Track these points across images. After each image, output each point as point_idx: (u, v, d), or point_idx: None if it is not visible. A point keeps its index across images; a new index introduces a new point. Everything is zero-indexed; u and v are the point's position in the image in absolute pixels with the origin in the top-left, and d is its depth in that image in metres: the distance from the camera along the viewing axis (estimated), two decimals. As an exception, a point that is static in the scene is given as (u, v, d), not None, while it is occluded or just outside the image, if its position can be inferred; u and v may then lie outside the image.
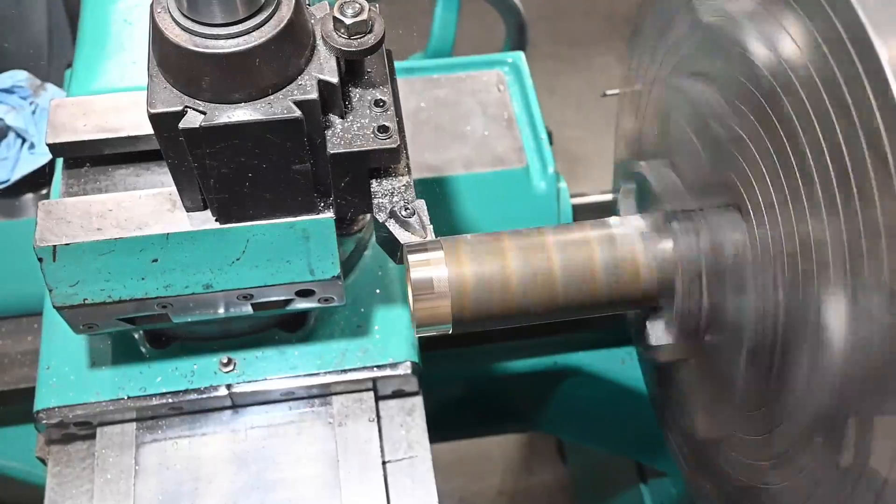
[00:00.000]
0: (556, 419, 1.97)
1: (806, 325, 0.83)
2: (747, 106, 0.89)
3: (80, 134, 1.09)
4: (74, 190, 1.10)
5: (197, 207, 1.01)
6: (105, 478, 1.17)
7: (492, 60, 1.61)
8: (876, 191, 0.71)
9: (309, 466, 1.20)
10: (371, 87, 0.99)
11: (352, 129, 0.96)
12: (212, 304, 1.10)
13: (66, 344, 1.21)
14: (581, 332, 1.68)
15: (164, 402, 1.19)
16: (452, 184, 1.46)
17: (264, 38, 0.87)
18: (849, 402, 0.78)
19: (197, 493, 1.18)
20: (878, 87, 0.70)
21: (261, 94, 0.90)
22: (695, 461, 1.20)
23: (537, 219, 1.46)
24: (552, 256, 1.00)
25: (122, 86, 1.19)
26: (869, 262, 0.73)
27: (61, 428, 1.19)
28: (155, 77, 0.90)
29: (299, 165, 0.95)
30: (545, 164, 1.49)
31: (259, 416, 1.24)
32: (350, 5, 0.92)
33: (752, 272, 0.91)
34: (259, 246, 1.03)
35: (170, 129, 0.90)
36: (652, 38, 1.17)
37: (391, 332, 1.24)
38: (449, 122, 1.52)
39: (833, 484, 0.82)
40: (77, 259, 1.00)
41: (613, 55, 3.82)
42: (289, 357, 1.23)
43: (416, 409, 1.25)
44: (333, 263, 1.06)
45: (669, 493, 2.11)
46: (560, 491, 3.08)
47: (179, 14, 0.87)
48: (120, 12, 1.26)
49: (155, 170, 1.11)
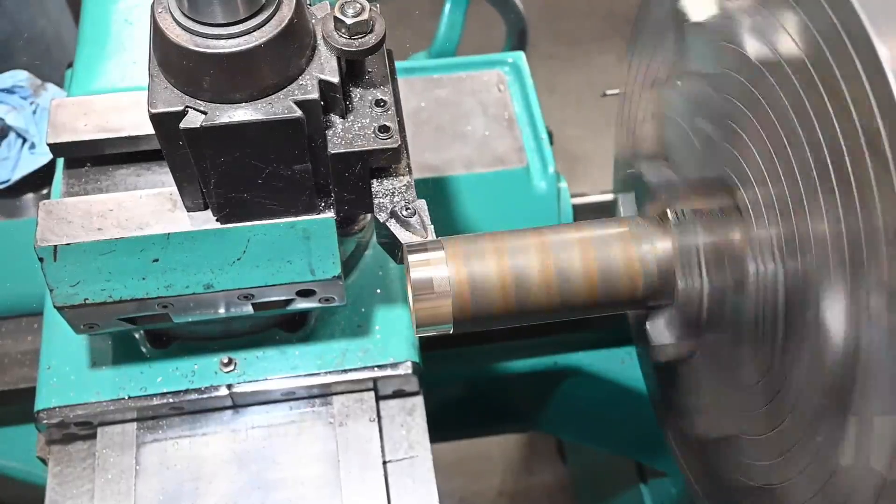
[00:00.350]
0: (556, 419, 1.97)
1: (806, 325, 0.83)
2: (747, 106, 0.89)
3: (80, 134, 1.09)
4: (75, 190, 1.10)
5: (198, 207, 1.01)
6: (106, 477, 1.17)
7: (492, 60, 1.61)
8: (876, 191, 0.71)
9: (309, 466, 1.20)
10: (372, 87, 0.99)
11: (353, 129, 0.97)
12: (212, 304, 1.10)
13: (66, 344, 1.21)
14: (581, 332, 1.68)
15: (165, 402, 1.19)
16: (453, 184, 1.46)
17: (265, 38, 0.87)
18: (849, 402, 0.78)
19: (198, 492, 1.18)
20: (878, 86, 0.70)
21: (262, 93, 0.90)
22: (694, 461, 1.20)
23: (538, 219, 1.46)
24: (552, 256, 1.00)
25: (123, 86, 1.19)
26: (869, 262, 0.73)
27: (62, 428, 1.19)
28: (156, 77, 0.90)
29: (300, 165, 0.95)
30: (546, 163, 1.49)
31: (260, 415, 1.24)
32: (351, 5, 0.92)
33: (751, 272, 0.91)
34: (260, 246, 1.03)
35: (171, 128, 0.90)
36: (652, 37, 1.17)
37: (392, 332, 1.24)
38: (449, 121, 1.52)
39: (833, 484, 0.82)
40: (78, 259, 1.00)
41: (613, 55, 3.82)
42: (289, 357, 1.23)
43: (417, 408, 1.25)
44: (334, 263, 1.06)
45: (669, 493, 2.11)
46: (560, 491, 3.08)
47: (180, 14, 0.87)
48: (120, 12, 1.26)
49: (155, 170, 1.11)
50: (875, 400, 0.75)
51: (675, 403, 1.22)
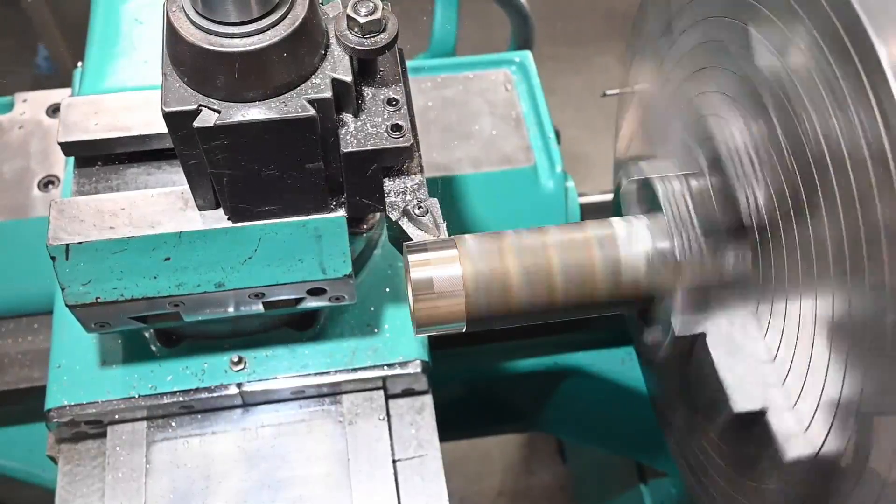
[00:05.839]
0: (556, 419, 1.97)
1: (806, 326, 0.83)
2: (746, 105, 0.89)
3: (91, 133, 1.09)
4: (86, 189, 1.10)
5: (209, 206, 1.02)
6: (116, 476, 1.17)
7: (499, 60, 1.61)
8: (876, 191, 0.71)
9: (319, 465, 1.20)
10: (384, 86, 1.00)
11: (365, 128, 0.97)
12: (223, 303, 1.10)
13: (76, 342, 1.21)
14: (581, 332, 1.68)
15: (175, 401, 1.19)
16: (460, 183, 1.46)
17: (279, 36, 0.87)
18: (849, 402, 0.78)
19: (208, 491, 1.18)
20: (878, 87, 0.70)
21: (275, 92, 0.90)
22: (694, 460, 1.20)
23: (545, 218, 1.46)
24: (554, 256, 1.00)
25: (134, 84, 1.19)
26: (869, 262, 0.73)
27: (72, 426, 1.19)
28: (169, 76, 0.90)
29: (312, 164, 0.95)
30: (553, 163, 1.49)
31: (269, 414, 1.24)
32: (364, 4, 0.92)
33: (752, 272, 0.91)
34: (271, 244, 1.03)
35: (184, 127, 0.90)
36: (651, 37, 1.17)
37: (401, 331, 1.25)
38: (457, 121, 1.52)
39: (833, 484, 0.82)
40: (90, 257, 1.00)
41: (613, 55, 3.82)
42: (299, 356, 1.23)
43: (426, 407, 1.26)
44: (345, 262, 1.07)
45: (669, 493, 2.12)
46: (560, 491, 3.09)
47: (194, 13, 0.87)
48: (130, 11, 1.26)
49: (166, 168, 1.11)
50: (875, 400, 0.75)
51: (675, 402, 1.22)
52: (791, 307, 0.86)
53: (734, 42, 0.92)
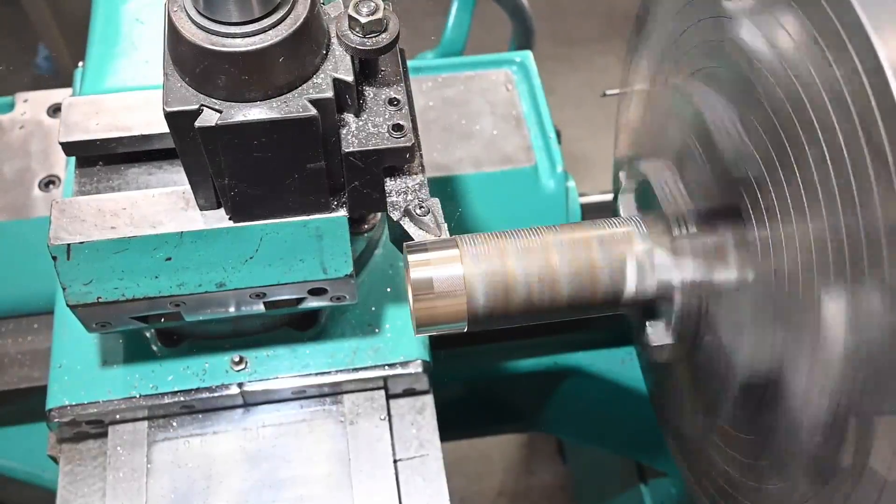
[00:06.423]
0: (556, 419, 1.97)
1: (806, 326, 0.83)
2: (746, 105, 0.89)
3: (92, 133, 1.09)
4: (87, 189, 1.10)
5: (211, 206, 1.02)
6: (117, 476, 1.17)
7: (500, 60, 1.61)
8: (876, 191, 0.71)
9: (320, 465, 1.20)
10: (385, 86, 1.00)
11: (366, 128, 0.97)
12: (225, 303, 1.10)
13: (77, 342, 1.21)
14: (581, 332, 1.68)
15: (176, 401, 1.19)
16: (461, 183, 1.46)
17: (280, 36, 0.87)
18: (849, 402, 0.78)
19: (209, 491, 1.18)
20: (878, 86, 0.70)
21: (276, 92, 0.90)
22: (694, 461, 1.20)
23: (546, 217, 1.46)
24: (554, 256, 1.00)
25: (134, 84, 1.19)
26: (869, 262, 0.73)
27: (73, 426, 1.19)
28: (170, 75, 0.90)
29: (314, 164, 0.95)
30: (554, 162, 1.49)
31: (270, 414, 1.24)
32: (365, 4, 0.92)
33: (751, 272, 0.91)
34: (272, 244, 1.03)
35: (185, 127, 0.90)
36: (651, 37, 1.17)
37: (402, 331, 1.25)
38: (457, 121, 1.52)
39: (833, 484, 0.82)
40: (91, 257, 1.00)
41: (613, 55, 3.83)
42: (300, 356, 1.24)
43: (427, 407, 1.26)
44: (346, 262, 1.07)
45: (669, 493, 2.12)
46: (560, 491, 3.09)
47: (196, 12, 0.87)
48: (131, 11, 1.26)
49: (167, 168, 1.11)
50: (875, 400, 0.75)
51: (675, 403, 1.22)
52: (792, 303, 0.86)
53: (732, 42, 0.92)
